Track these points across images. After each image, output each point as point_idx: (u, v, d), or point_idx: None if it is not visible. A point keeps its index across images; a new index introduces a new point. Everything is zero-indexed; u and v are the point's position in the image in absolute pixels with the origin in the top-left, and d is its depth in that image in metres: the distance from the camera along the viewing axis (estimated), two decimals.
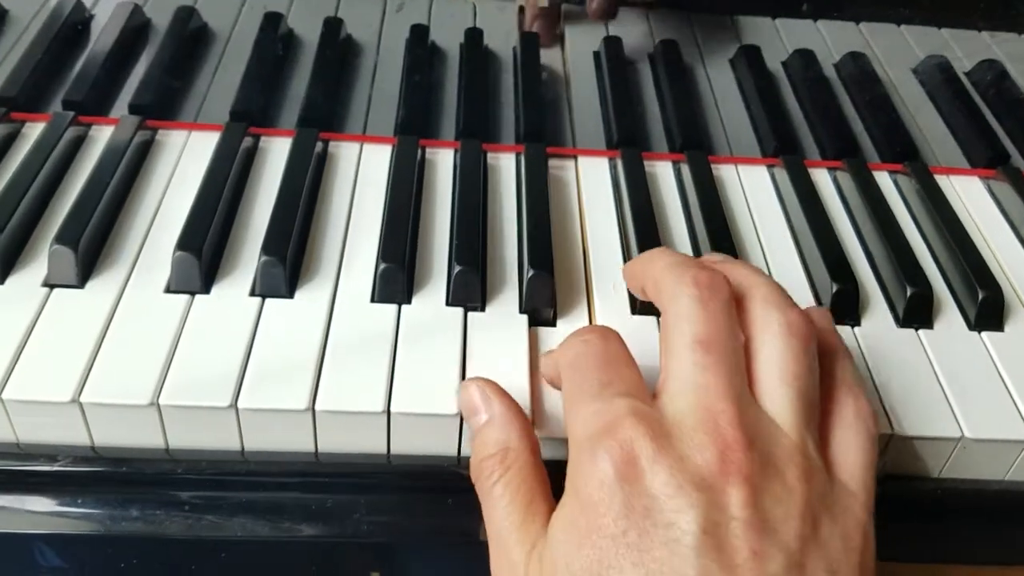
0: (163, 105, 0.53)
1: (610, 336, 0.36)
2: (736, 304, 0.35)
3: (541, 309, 0.43)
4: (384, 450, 0.39)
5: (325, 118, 0.53)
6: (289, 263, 0.42)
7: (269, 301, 0.42)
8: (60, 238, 0.42)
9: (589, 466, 0.31)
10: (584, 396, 0.33)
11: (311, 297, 0.42)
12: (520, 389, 0.39)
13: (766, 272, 0.43)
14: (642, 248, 0.45)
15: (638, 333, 0.42)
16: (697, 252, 0.47)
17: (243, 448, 0.39)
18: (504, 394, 0.37)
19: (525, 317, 0.43)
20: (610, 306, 0.44)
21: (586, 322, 0.43)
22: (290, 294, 0.42)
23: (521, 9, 0.61)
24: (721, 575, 0.29)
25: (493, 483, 0.34)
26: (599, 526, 0.30)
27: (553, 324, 0.43)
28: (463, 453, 0.39)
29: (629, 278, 0.41)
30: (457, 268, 0.43)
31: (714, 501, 0.30)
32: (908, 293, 0.44)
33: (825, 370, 0.35)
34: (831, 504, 0.32)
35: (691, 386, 0.32)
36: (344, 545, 0.41)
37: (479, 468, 0.35)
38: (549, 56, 0.60)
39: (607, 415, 0.32)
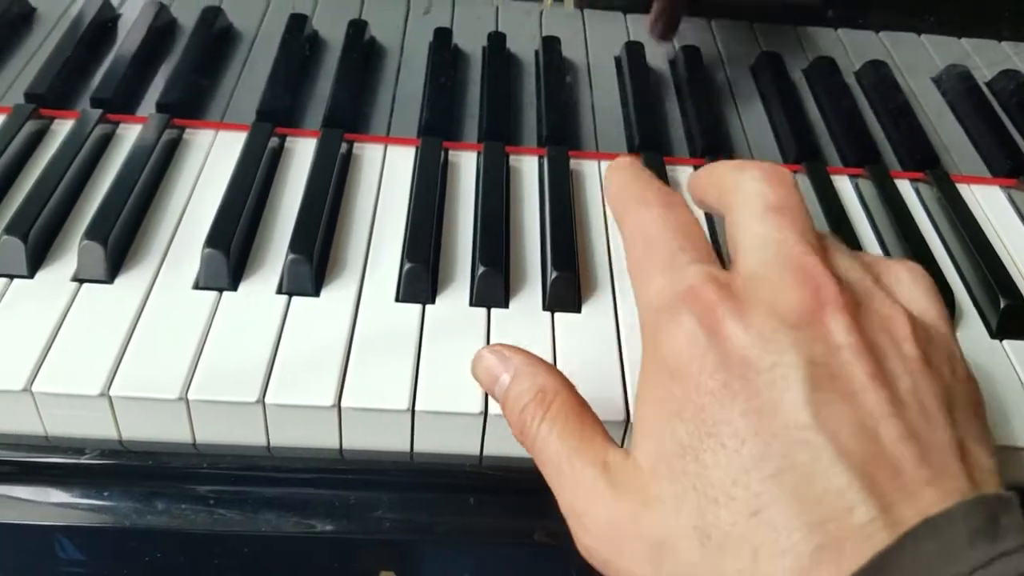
0: (190, 104, 0.54)
1: (675, 202, 0.34)
2: None
3: (565, 308, 0.43)
4: (408, 448, 0.40)
5: (350, 119, 0.53)
6: (315, 262, 0.43)
7: (296, 299, 0.42)
8: (90, 234, 0.42)
9: (672, 329, 0.30)
10: (653, 265, 0.32)
11: (337, 296, 0.43)
12: None
13: None
14: None
15: None
16: (720, 258, 0.48)
17: (269, 444, 0.39)
18: (519, 348, 0.35)
19: (549, 314, 0.43)
20: (633, 308, 0.44)
21: (611, 322, 0.43)
22: (316, 292, 0.43)
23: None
24: (841, 403, 0.27)
25: (539, 423, 0.32)
26: (696, 386, 0.28)
27: None
28: (486, 452, 0.40)
29: (694, 190, 0.38)
30: (481, 269, 0.43)
31: (816, 335, 0.28)
32: None
33: None
34: (929, 334, 0.30)
35: (769, 241, 0.31)
36: (366, 542, 0.41)
37: (520, 421, 0.33)
38: (571, 60, 0.61)
39: (683, 282, 0.30)
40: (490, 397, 0.38)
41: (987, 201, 0.54)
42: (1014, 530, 0.25)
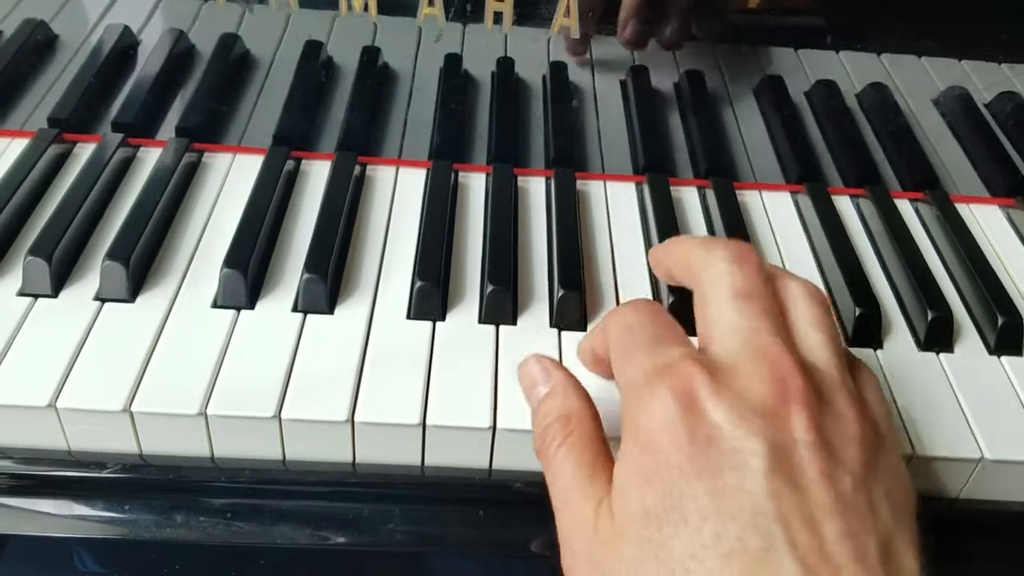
0: (208, 128, 0.55)
1: (655, 304, 0.37)
2: None
3: (571, 326, 0.45)
4: (419, 461, 0.41)
5: (363, 142, 0.55)
6: (330, 281, 0.44)
7: (311, 316, 0.44)
8: (112, 254, 0.44)
9: (649, 404, 0.31)
10: (638, 349, 0.34)
11: (350, 313, 0.44)
12: None
13: None
14: None
15: None
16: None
17: (284, 458, 0.41)
18: (563, 367, 0.38)
19: (555, 331, 0.44)
20: None
21: None
22: (330, 310, 0.44)
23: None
24: (793, 495, 0.29)
25: (557, 446, 0.34)
26: (666, 460, 0.30)
27: None
28: (495, 466, 0.41)
29: (656, 263, 0.42)
30: (490, 287, 0.44)
31: (778, 427, 0.30)
32: (929, 317, 0.46)
33: None
34: (879, 437, 0.32)
35: (739, 330, 0.33)
36: (378, 554, 0.42)
37: (542, 435, 0.35)
38: (577, 84, 0.62)
39: (662, 360, 0.33)
40: (499, 412, 0.40)
41: (986, 221, 0.56)
42: None
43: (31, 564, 0.43)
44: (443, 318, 0.44)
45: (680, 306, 0.44)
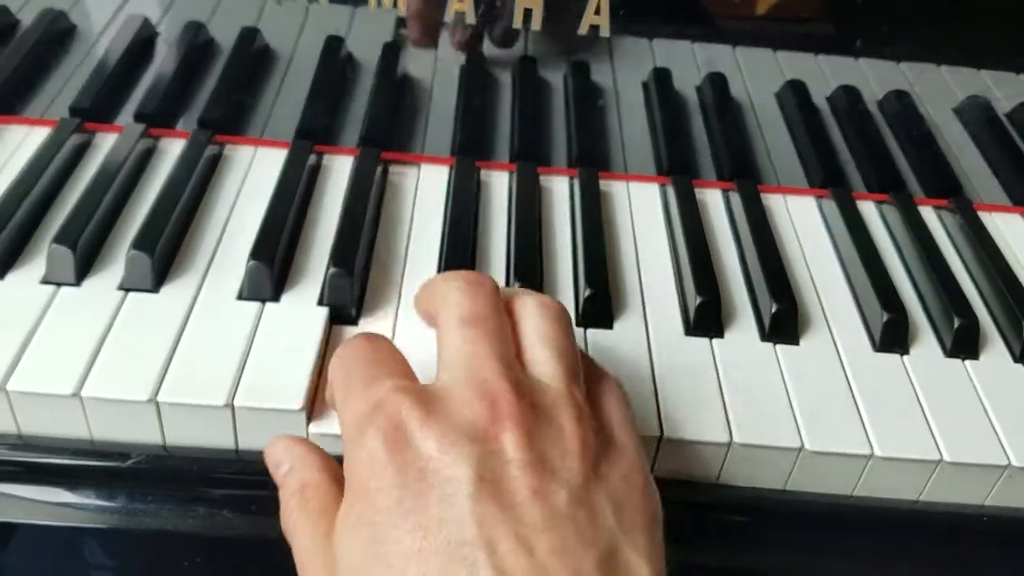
0: (230, 121, 0.55)
1: (375, 337, 0.36)
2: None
3: (597, 325, 0.44)
4: None
5: (385, 138, 0.55)
6: (355, 275, 0.44)
7: (336, 311, 0.43)
8: (137, 244, 0.44)
9: (358, 448, 0.31)
10: (351, 392, 0.33)
11: (376, 309, 0.44)
12: None
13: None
14: (696, 271, 0.46)
15: (691, 355, 0.43)
16: (748, 277, 0.49)
17: None
18: (305, 443, 0.36)
19: (581, 330, 0.44)
20: (664, 327, 0.45)
21: (643, 337, 0.44)
22: (355, 305, 0.44)
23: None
24: (502, 517, 0.28)
25: (296, 517, 0.33)
26: (372, 505, 0.29)
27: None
28: None
29: (416, 304, 0.40)
30: (516, 285, 0.44)
31: (488, 450, 0.29)
32: (956, 324, 0.45)
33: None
34: (606, 446, 0.32)
35: (460, 357, 0.32)
36: None
37: (284, 510, 0.34)
38: (599, 85, 0.62)
39: (372, 397, 0.32)
40: None
41: (1008, 229, 0.56)
42: None
43: (55, 553, 0.43)
44: None
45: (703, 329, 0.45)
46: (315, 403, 0.39)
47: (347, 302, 0.44)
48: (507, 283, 0.46)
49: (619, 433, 0.33)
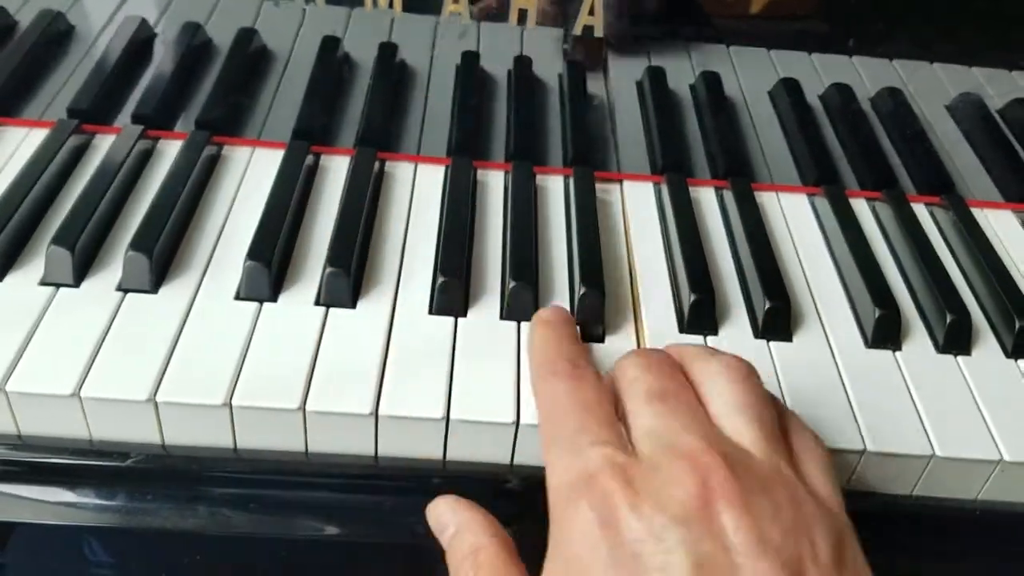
0: (228, 122, 0.55)
1: (581, 375, 0.36)
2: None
3: (591, 325, 0.45)
4: (440, 455, 0.41)
5: (382, 138, 0.55)
6: (352, 275, 0.44)
7: (333, 310, 0.44)
8: (135, 245, 0.44)
9: (570, 521, 0.31)
10: (558, 444, 0.34)
11: (372, 308, 0.44)
12: None
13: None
14: (690, 269, 0.47)
15: None
16: (742, 275, 0.49)
17: (307, 450, 0.41)
18: (470, 505, 0.37)
19: (577, 328, 0.44)
20: (658, 325, 0.45)
21: (634, 339, 0.45)
22: (353, 304, 0.44)
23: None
24: None
25: None
26: None
27: (601, 340, 0.45)
28: (517, 461, 0.41)
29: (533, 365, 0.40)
30: (512, 284, 0.45)
31: (705, 531, 0.29)
32: (948, 320, 0.46)
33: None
34: (818, 514, 0.31)
35: (654, 432, 0.32)
36: (400, 546, 0.42)
37: (455, 572, 0.35)
38: (593, 85, 0.62)
39: (582, 468, 0.32)
40: (521, 407, 0.40)
41: (1001, 225, 0.56)
42: None
43: (56, 553, 0.43)
44: (464, 314, 0.45)
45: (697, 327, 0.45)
46: None
47: (344, 302, 0.44)
48: (503, 283, 0.46)
49: (823, 492, 0.32)
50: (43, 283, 0.44)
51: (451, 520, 0.37)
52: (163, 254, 0.45)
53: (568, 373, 0.36)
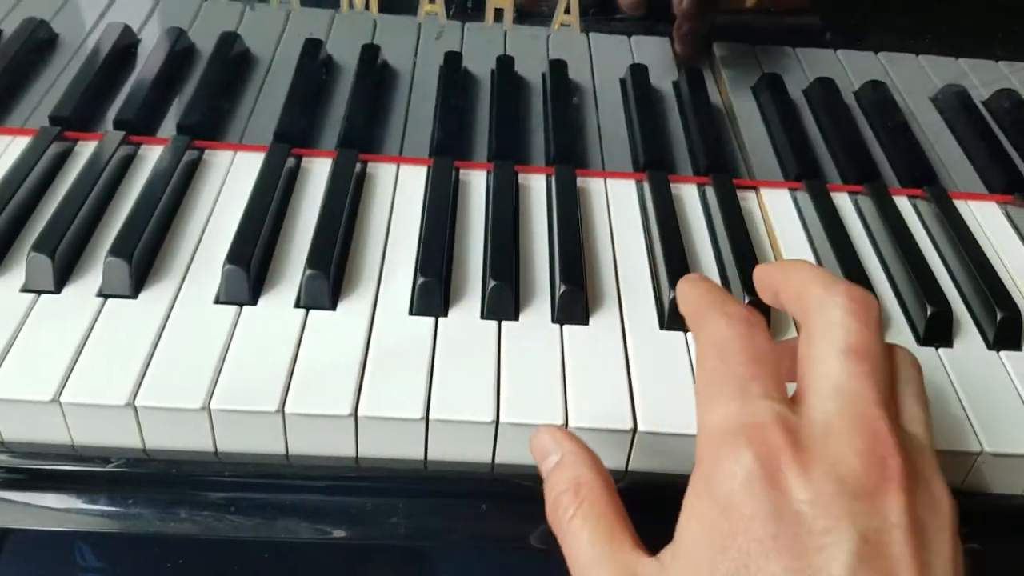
0: (209, 126, 0.55)
1: (756, 323, 0.34)
2: None
3: (573, 320, 0.45)
4: (422, 456, 0.41)
5: (364, 140, 0.55)
6: (332, 277, 0.44)
7: (313, 312, 0.44)
8: (115, 250, 0.44)
9: (729, 467, 0.30)
10: (724, 389, 0.32)
11: (353, 309, 0.44)
12: (553, 396, 0.40)
13: None
14: (670, 266, 0.47)
15: (667, 349, 0.44)
16: (723, 271, 0.49)
17: (288, 452, 0.41)
18: (574, 437, 0.37)
19: (557, 327, 0.44)
20: (640, 322, 0.46)
21: (618, 334, 0.45)
22: (333, 306, 0.44)
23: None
24: None
25: (570, 517, 0.33)
26: (745, 529, 0.29)
27: None
28: (498, 460, 0.41)
29: (761, 284, 0.38)
30: (492, 283, 0.45)
31: (874, 508, 0.29)
32: (929, 312, 0.46)
33: None
34: (953, 519, 0.31)
35: (842, 392, 0.31)
36: (381, 548, 0.42)
37: (554, 506, 0.34)
38: (577, 82, 0.62)
39: (750, 417, 0.30)
40: (501, 406, 0.40)
41: (984, 217, 0.56)
42: None
43: (38, 558, 0.43)
44: (445, 314, 0.45)
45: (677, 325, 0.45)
46: None
47: (324, 303, 0.44)
48: (483, 282, 0.46)
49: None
50: (24, 290, 0.44)
51: (554, 449, 0.36)
52: (143, 259, 0.45)
53: (742, 318, 0.34)
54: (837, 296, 0.33)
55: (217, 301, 0.44)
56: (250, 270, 0.44)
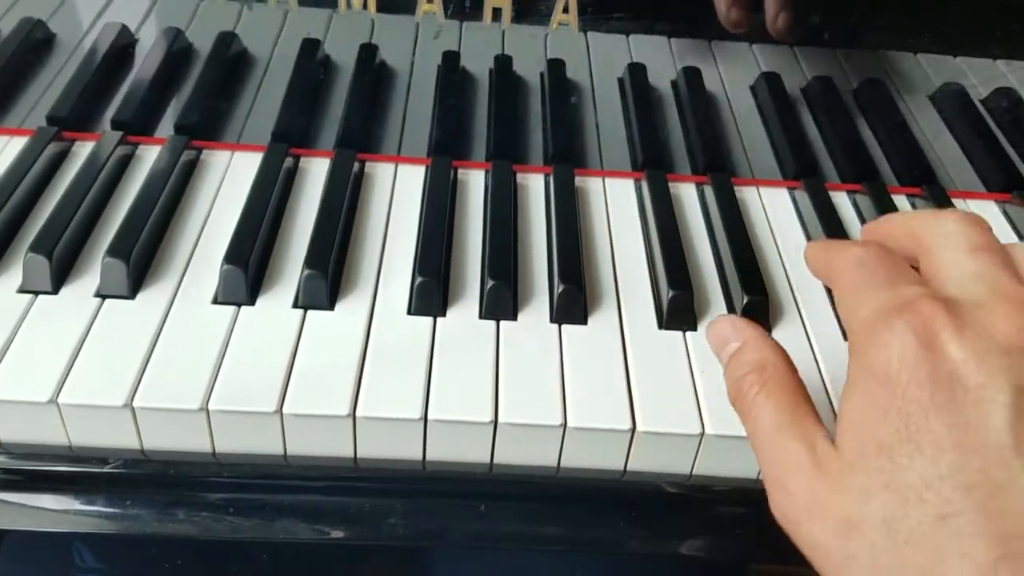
0: (207, 126, 0.55)
1: (886, 247, 0.36)
2: None
3: (572, 320, 0.45)
4: (420, 456, 0.41)
5: (362, 140, 0.55)
6: (330, 277, 0.44)
7: (311, 312, 0.44)
8: (113, 251, 0.44)
9: (886, 339, 0.31)
10: (872, 286, 0.34)
11: (351, 309, 0.44)
12: (552, 396, 0.40)
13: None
14: (669, 265, 0.47)
15: (666, 348, 0.44)
16: (722, 270, 0.49)
17: (286, 453, 0.41)
18: (755, 324, 0.38)
19: (556, 326, 0.44)
20: (638, 321, 0.45)
21: (616, 334, 0.45)
22: (331, 306, 0.44)
23: None
24: None
25: (755, 393, 0.35)
26: (903, 393, 0.30)
27: None
28: (496, 460, 0.41)
29: (877, 233, 0.39)
30: (490, 282, 0.45)
31: None
32: None
33: None
34: None
35: (982, 277, 0.32)
36: (380, 548, 0.42)
37: (738, 387, 0.36)
38: (575, 81, 0.62)
39: (900, 298, 0.32)
40: (500, 407, 0.40)
41: (983, 215, 0.55)
42: None
43: (36, 559, 0.43)
44: (444, 314, 0.45)
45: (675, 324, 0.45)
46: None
47: (322, 304, 0.44)
48: (482, 282, 0.46)
49: None
50: (21, 290, 0.44)
51: (733, 335, 0.38)
52: (141, 260, 0.45)
53: (873, 243, 0.36)
54: (948, 215, 0.35)
55: (215, 301, 0.44)
56: (248, 270, 0.44)
